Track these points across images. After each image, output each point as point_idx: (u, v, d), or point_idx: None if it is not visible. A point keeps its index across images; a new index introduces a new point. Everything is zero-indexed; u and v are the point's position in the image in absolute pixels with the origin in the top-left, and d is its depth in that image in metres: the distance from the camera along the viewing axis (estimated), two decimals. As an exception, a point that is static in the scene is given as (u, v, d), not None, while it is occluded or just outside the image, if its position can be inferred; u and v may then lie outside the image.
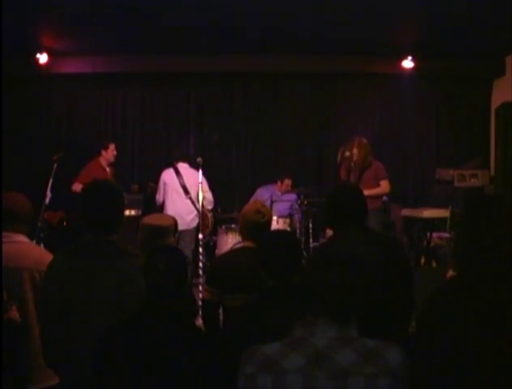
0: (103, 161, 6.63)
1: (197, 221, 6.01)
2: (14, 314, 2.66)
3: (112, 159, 6.69)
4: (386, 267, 2.47)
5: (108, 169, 6.67)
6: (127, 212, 6.48)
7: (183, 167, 6.39)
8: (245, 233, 3.11)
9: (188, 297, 2.21)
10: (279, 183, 7.25)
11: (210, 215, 6.67)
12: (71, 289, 2.29)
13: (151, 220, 3.36)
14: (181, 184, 6.22)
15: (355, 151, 5.95)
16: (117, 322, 2.05)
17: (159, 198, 6.42)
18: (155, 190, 6.53)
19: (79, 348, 2.25)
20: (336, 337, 1.49)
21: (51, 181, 5.76)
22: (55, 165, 5.92)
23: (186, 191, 6.17)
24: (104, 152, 6.62)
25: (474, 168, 7.05)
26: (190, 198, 6.12)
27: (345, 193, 2.78)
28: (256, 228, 3.01)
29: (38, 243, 5.50)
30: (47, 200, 5.75)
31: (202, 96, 7.99)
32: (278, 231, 4.02)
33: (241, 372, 1.50)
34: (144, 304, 2.05)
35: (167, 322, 2.01)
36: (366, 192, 5.57)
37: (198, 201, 5.62)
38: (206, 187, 6.34)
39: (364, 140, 6.04)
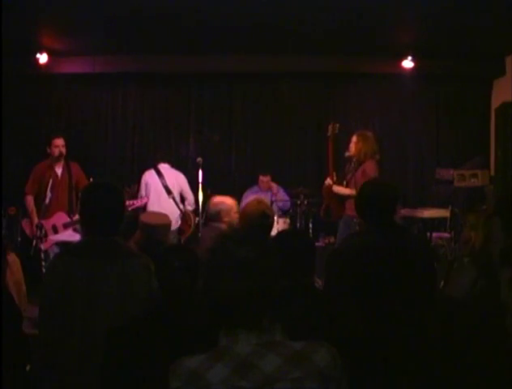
0: (51, 160, 5.85)
1: (179, 222, 6.08)
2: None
3: (54, 155, 5.76)
4: (411, 260, 2.64)
5: (59, 169, 5.85)
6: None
7: (164, 167, 6.42)
8: None
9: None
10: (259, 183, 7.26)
11: (192, 215, 6.61)
12: (72, 289, 2.29)
13: (150, 218, 3.38)
14: (163, 184, 6.25)
15: (353, 141, 5.52)
16: (132, 320, 2.05)
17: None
18: (131, 194, 6.47)
19: (80, 348, 2.25)
20: (259, 343, 1.44)
21: (51, 181, 5.75)
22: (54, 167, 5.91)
23: (169, 191, 6.21)
24: (48, 149, 5.81)
25: (474, 168, 7.05)
26: (173, 199, 6.18)
27: (370, 189, 2.90)
28: (261, 227, 3.01)
29: (39, 243, 5.50)
30: (47, 200, 5.74)
31: (202, 96, 7.99)
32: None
33: (169, 387, 1.48)
34: (160, 301, 2.05)
35: (184, 318, 2.00)
36: (342, 190, 5.47)
37: (182, 201, 5.64)
38: (187, 188, 6.39)
39: (369, 134, 5.63)
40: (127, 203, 5.60)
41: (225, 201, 4.18)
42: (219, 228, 3.91)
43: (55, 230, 5.66)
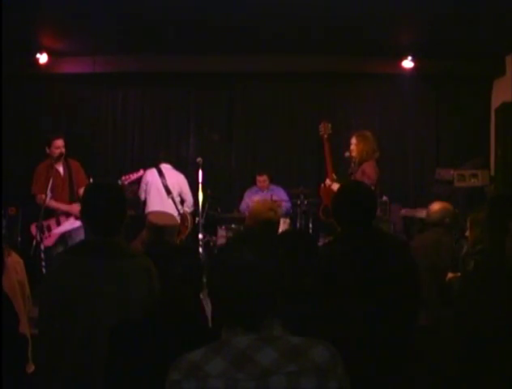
0: (51, 160, 5.85)
1: (178, 222, 6.13)
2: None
3: (54, 155, 5.79)
4: (390, 267, 2.54)
5: (60, 167, 5.91)
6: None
7: (166, 168, 6.47)
8: None
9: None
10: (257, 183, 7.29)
11: (190, 217, 6.59)
12: (72, 289, 2.29)
13: (158, 219, 3.39)
14: (163, 184, 6.31)
15: (353, 143, 5.50)
16: (134, 319, 2.05)
17: (140, 196, 6.47)
18: (132, 193, 6.49)
19: (79, 349, 2.25)
20: (257, 337, 1.47)
21: (51, 181, 5.75)
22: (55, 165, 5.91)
23: (168, 191, 6.27)
24: (48, 150, 5.87)
25: (474, 168, 7.04)
26: (172, 199, 6.23)
27: (349, 193, 2.78)
28: (268, 225, 3.02)
29: (39, 243, 5.50)
30: (47, 200, 5.75)
31: (202, 96, 7.99)
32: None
33: (167, 380, 1.49)
34: (159, 304, 2.05)
35: (181, 323, 2.00)
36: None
37: (181, 202, 5.67)
38: (187, 189, 6.43)
39: (367, 133, 5.61)
40: (123, 177, 5.77)
41: (446, 206, 4.42)
42: (439, 232, 4.23)
43: (58, 223, 5.76)
